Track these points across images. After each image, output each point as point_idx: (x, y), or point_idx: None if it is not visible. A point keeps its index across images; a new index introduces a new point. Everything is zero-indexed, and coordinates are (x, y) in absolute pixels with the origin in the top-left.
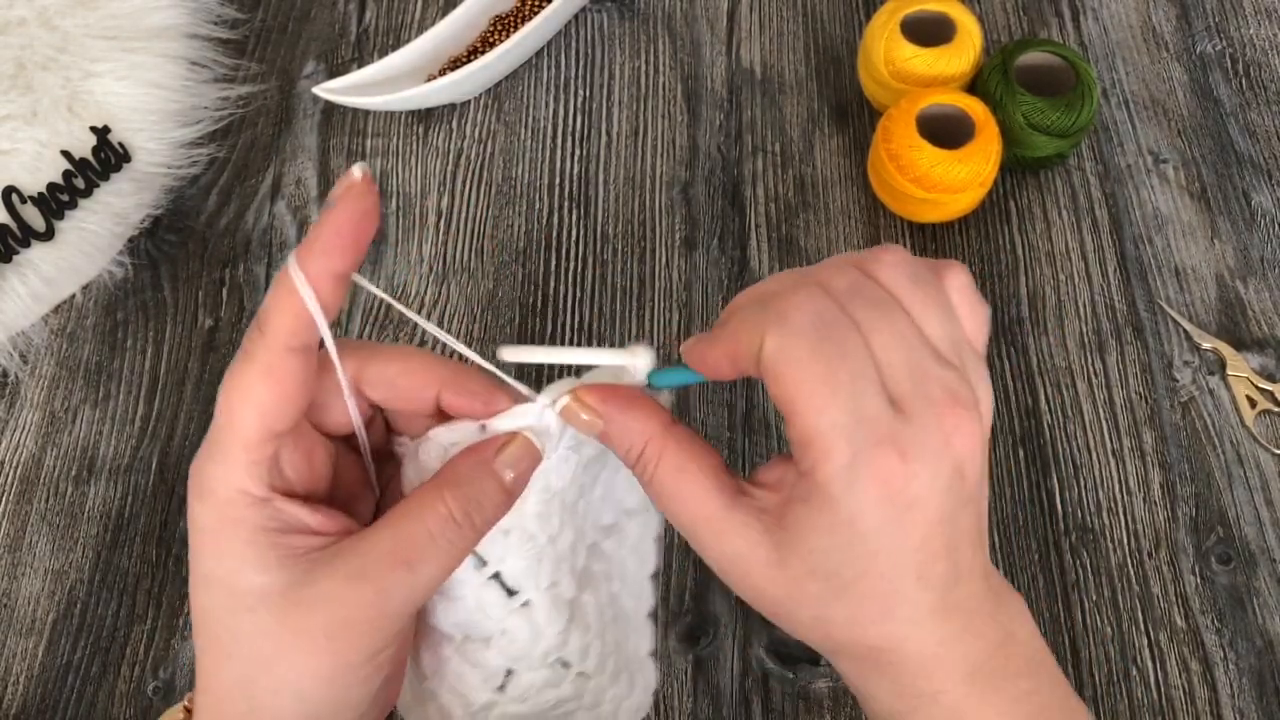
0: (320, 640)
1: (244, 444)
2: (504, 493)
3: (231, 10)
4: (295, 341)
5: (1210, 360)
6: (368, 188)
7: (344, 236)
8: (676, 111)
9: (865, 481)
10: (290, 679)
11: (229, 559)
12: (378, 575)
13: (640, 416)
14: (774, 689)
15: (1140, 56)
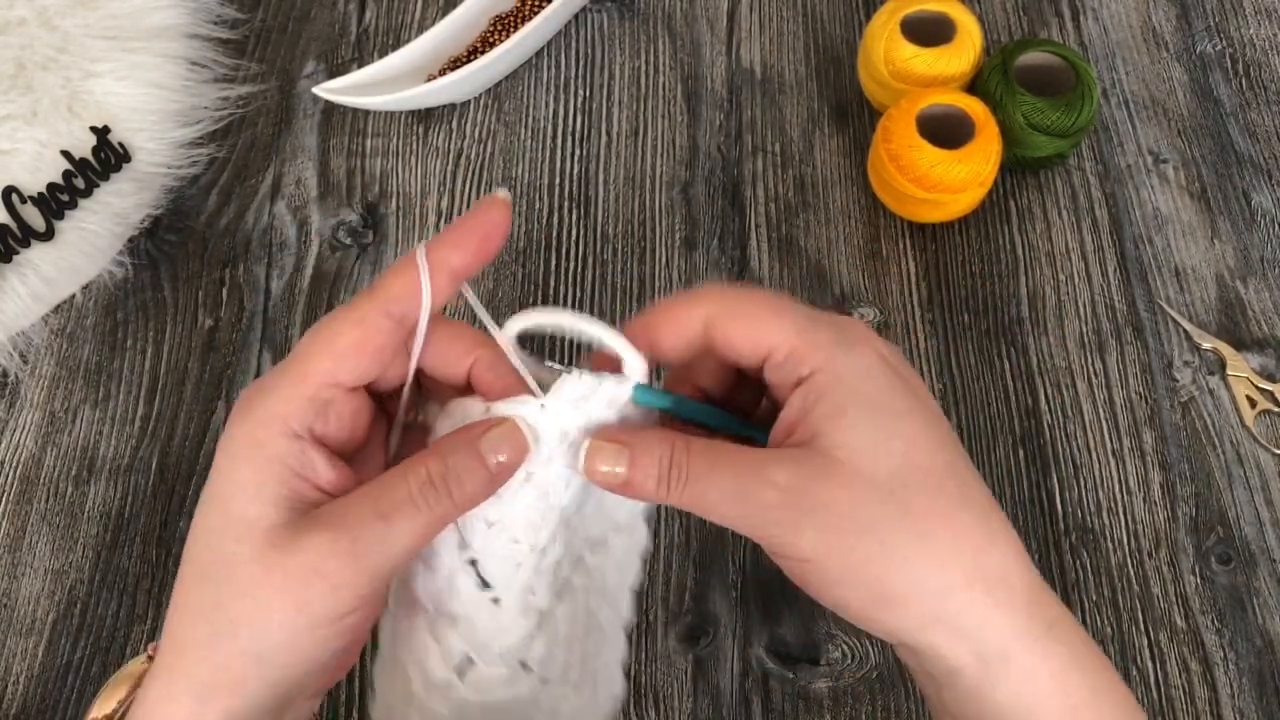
0: (292, 585)
1: (306, 379)
2: (486, 473)
3: (231, 10)
4: (395, 308)
5: (1210, 360)
6: (505, 206)
7: (473, 238)
8: (676, 111)
9: (858, 347)
10: (254, 616)
11: (237, 482)
12: (355, 526)
13: (655, 433)
14: (774, 689)
15: (1140, 56)
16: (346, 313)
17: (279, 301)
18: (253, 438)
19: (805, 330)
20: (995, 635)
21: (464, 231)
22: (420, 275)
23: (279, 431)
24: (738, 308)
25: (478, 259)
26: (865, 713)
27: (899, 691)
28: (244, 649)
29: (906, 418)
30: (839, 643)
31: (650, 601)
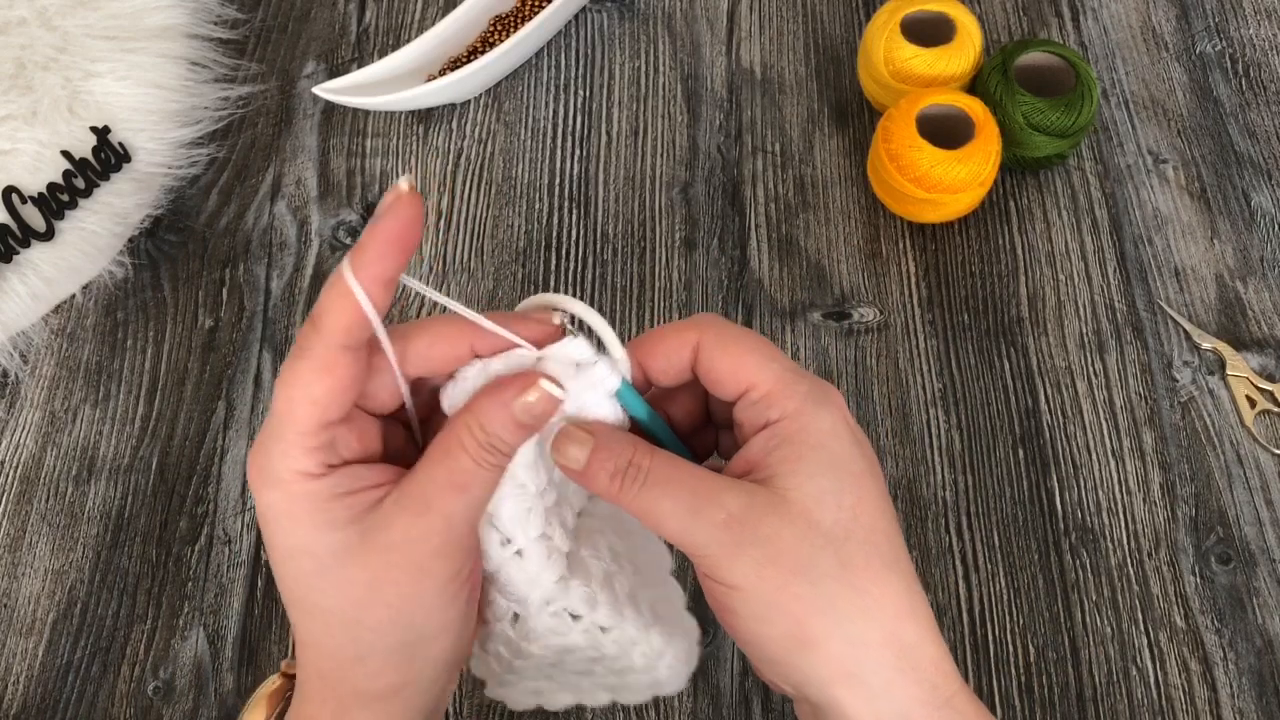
0: (411, 570)
1: (301, 433)
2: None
3: (231, 10)
4: (349, 340)
5: (1210, 360)
6: (414, 198)
7: (393, 244)
8: (676, 111)
9: (828, 406)
10: (392, 612)
11: (304, 530)
12: (440, 503)
13: (623, 433)
14: None
15: (1140, 57)
16: (305, 362)
17: (279, 301)
18: (292, 496)
19: (785, 378)
20: (899, 700)
21: (384, 239)
22: (359, 299)
23: (308, 482)
24: (729, 341)
25: (404, 260)
26: None
27: None
28: (398, 640)
29: (860, 479)
30: None
31: None
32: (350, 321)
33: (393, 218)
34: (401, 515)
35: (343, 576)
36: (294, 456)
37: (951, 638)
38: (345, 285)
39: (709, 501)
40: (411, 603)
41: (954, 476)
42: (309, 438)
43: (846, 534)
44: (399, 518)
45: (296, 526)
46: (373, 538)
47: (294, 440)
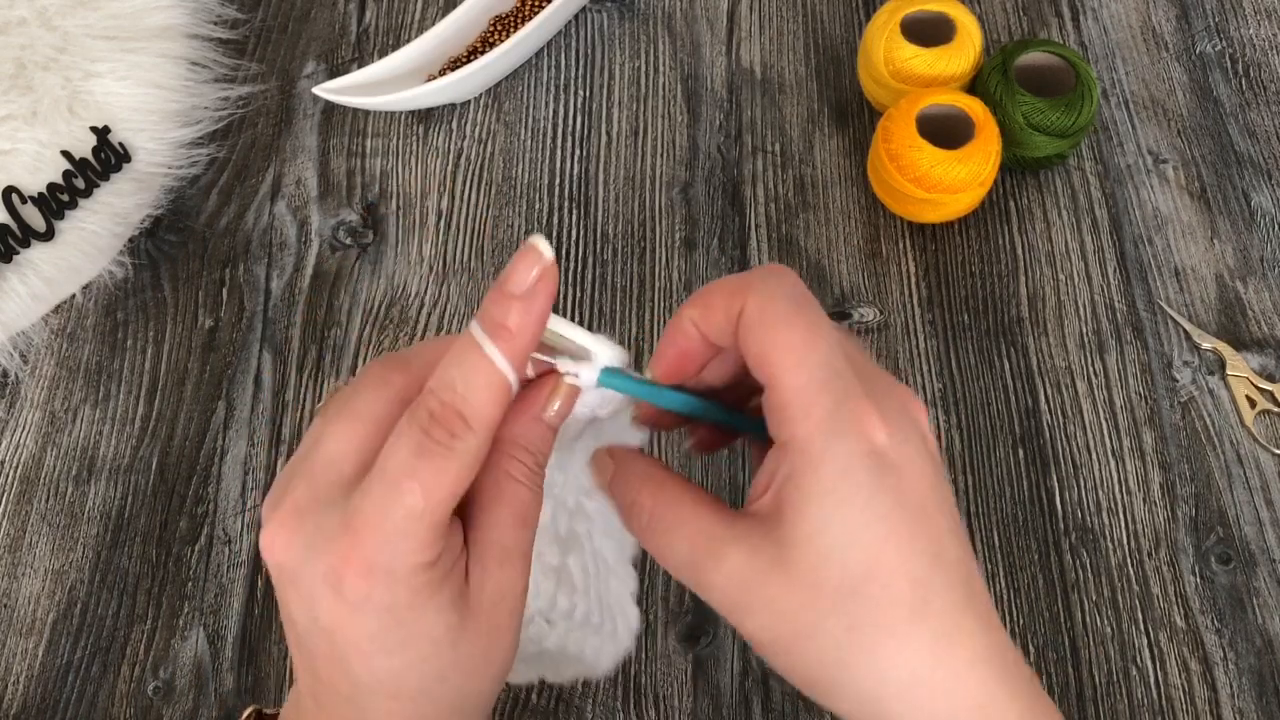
0: (509, 621)
1: (435, 527)
2: (553, 433)
3: (231, 10)
4: (495, 429)
5: (1210, 360)
6: (553, 268)
7: (540, 322)
8: (676, 111)
9: (848, 435)
10: (495, 669)
11: (426, 619)
12: (518, 545)
13: (639, 466)
14: (774, 689)
15: (1140, 56)
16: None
17: (279, 301)
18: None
19: (808, 388)
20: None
21: (532, 316)
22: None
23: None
24: (768, 319)
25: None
26: None
27: None
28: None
29: (877, 525)
30: None
31: (650, 601)
32: (499, 409)
33: (540, 292)
34: (488, 573)
35: (459, 655)
36: (420, 551)
37: None
38: (495, 373)
39: (709, 558)
40: (508, 654)
41: (954, 476)
42: (440, 525)
43: (854, 593)
44: (487, 577)
45: (419, 617)
46: (473, 607)
47: (426, 537)
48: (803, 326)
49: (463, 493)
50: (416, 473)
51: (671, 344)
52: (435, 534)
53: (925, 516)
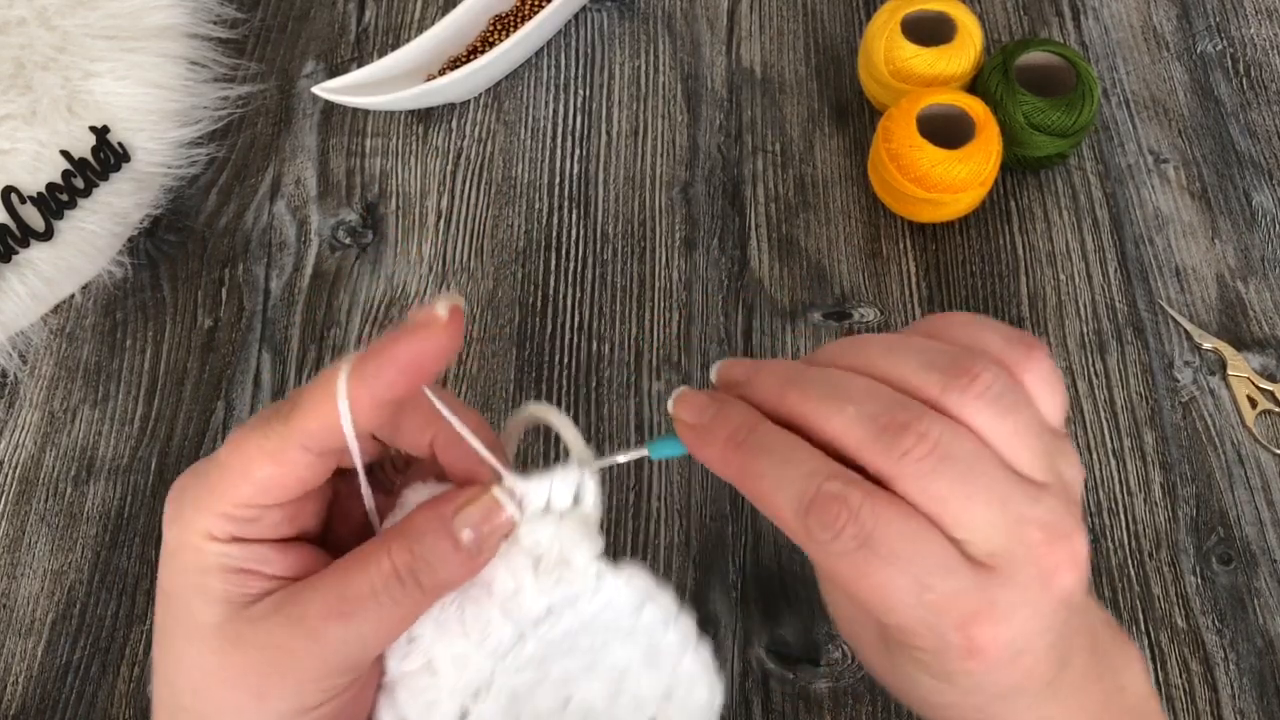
0: (251, 680)
1: (227, 500)
2: (460, 553)
3: (231, 10)
4: (313, 445)
5: (1211, 360)
6: (448, 328)
7: (405, 372)
8: (676, 111)
9: (961, 657)
10: (216, 713)
11: (183, 585)
12: (316, 623)
13: None
14: (774, 689)
15: (1141, 56)
16: (262, 442)
17: (278, 301)
18: (186, 542)
19: (920, 628)
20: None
21: (396, 364)
22: (340, 414)
23: (207, 539)
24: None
25: (412, 387)
26: (865, 713)
27: None
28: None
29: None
30: (839, 643)
31: None
32: (321, 428)
33: (414, 340)
34: (269, 620)
35: (194, 653)
36: (206, 514)
37: None
38: (330, 389)
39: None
40: (234, 716)
41: None
42: (233, 509)
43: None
44: (265, 622)
45: (178, 578)
46: (234, 630)
47: (216, 501)
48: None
49: (268, 485)
50: (235, 437)
51: None
52: (227, 507)
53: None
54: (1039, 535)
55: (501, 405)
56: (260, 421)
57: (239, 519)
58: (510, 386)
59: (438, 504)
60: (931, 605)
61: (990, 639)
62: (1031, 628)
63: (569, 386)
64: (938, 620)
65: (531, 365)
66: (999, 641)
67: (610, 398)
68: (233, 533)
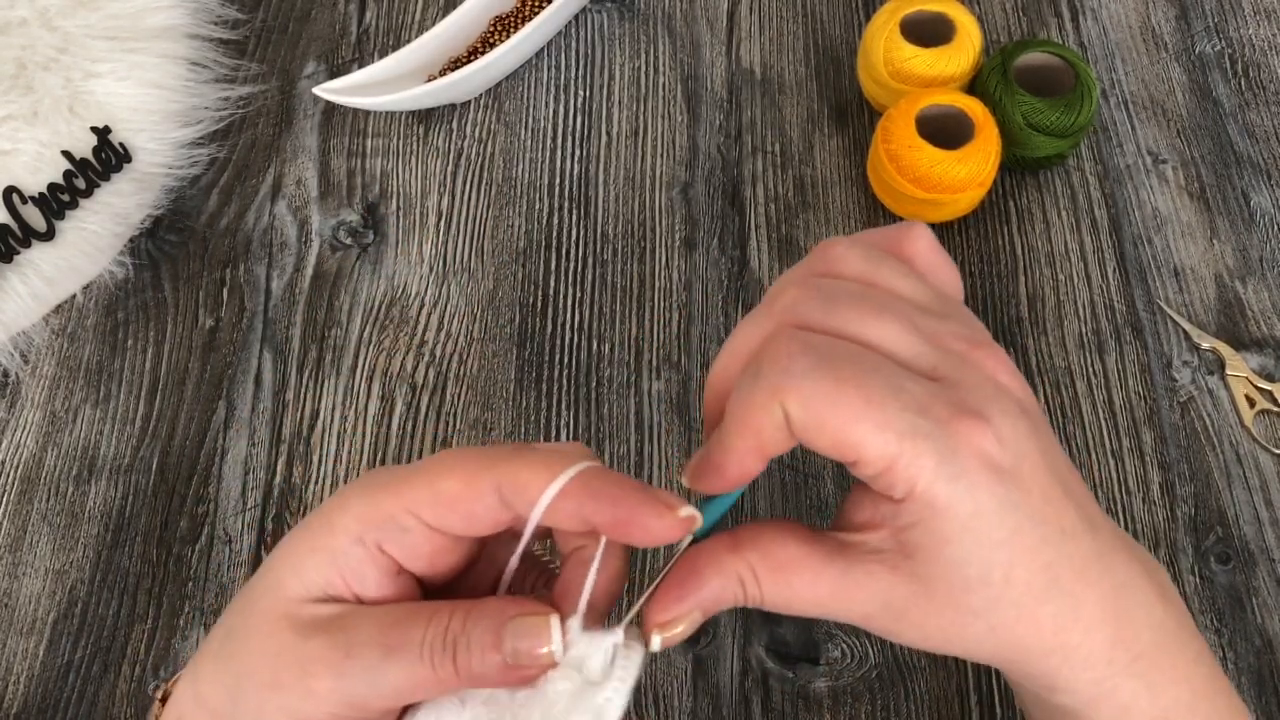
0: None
1: (402, 498)
2: (498, 658)
3: (232, 10)
4: (506, 494)
5: (1209, 360)
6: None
7: (617, 525)
8: (676, 111)
9: (964, 469)
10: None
11: (293, 549)
12: (355, 644)
13: (712, 573)
14: (774, 689)
15: (1139, 57)
16: (467, 458)
17: (279, 302)
18: (329, 521)
19: (906, 443)
20: (1060, 691)
21: (611, 503)
22: (543, 497)
23: (349, 529)
24: (822, 414)
25: (607, 530)
26: (865, 712)
27: (899, 691)
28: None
29: (1009, 544)
30: (839, 642)
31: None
32: (526, 486)
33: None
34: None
35: (258, 608)
36: (373, 504)
37: None
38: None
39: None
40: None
41: None
42: (396, 505)
43: (994, 603)
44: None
45: (299, 546)
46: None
47: (386, 499)
48: (856, 396)
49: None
50: (451, 451)
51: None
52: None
53: (1049, 503)
54: (959, 343)
55: (501, 405)
56: (474, 450)
57: (397, 524)
58: (510, 386)
59: (511, 601)
60: (911, 404)
61: (974, 434)
62: (1006, 427)
63: (569, 386)
64: (922, 423)
65: (531, 365)
66: (983, 436)
67: (610, 398)
68: (379, 538)
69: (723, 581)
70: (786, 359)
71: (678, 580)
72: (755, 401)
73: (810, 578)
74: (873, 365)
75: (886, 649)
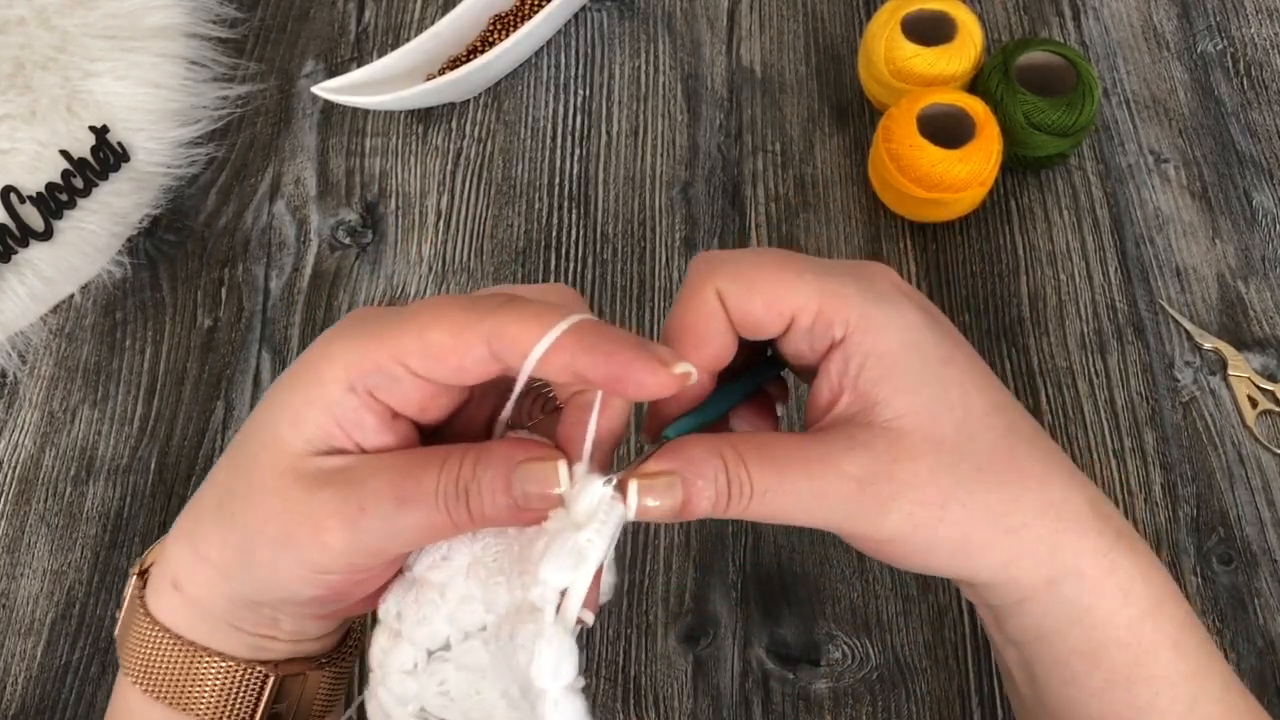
0: (290, 521)
1: (390, 347)
2: (507, 498)
3: (230, 9)
4: (496, 347)
5: (1211, 360)
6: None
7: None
8: (676, 111)
9: (885, 294)
10: (251, 524)
11: (287, 404)
12: (369, 498)
13: (700, 447)
14: (774, 689)
15: (1141, 56)
16: (457, 310)
17: (278, 301)
18: (317, 371)
19: (829, 287)
20: (1067, 557)
21: (606, 357)
22: (534, 350)
23: (339, 378)
24: (749, 276)
25: (600, 384)
26: (865, 713)
27: (899, 692)
28: (238, 543)
29: (953, 364)
30: (839, 643)
31: (650, 602)
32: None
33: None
34: (330, 483)
35: (258, 464)
36: (362, 350)
37: (953, 638)
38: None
39: (830, 476)
40: (261, 541)
41: None
42: (383, 353)
43: (969, 434)
44: (327, 485)
45: (294, 399)
46: (302, 474)
47: (376, 340)
48: (777, 258)
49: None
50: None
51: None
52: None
53: (970, 348)
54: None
55: None
56: (462, 298)
57: (386, 373)
58: None
59: (519, 445)
60: (820, 264)
61: (886, 270)
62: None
63: None
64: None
65: None
66: (897, 275)
67: None
68: (370, 386)
69: (706, 453)
70: (711, 258)
71: (665, 450)
72: (690, 289)
73: (799, 461)
74: (788, 254)
75: (888, 650)
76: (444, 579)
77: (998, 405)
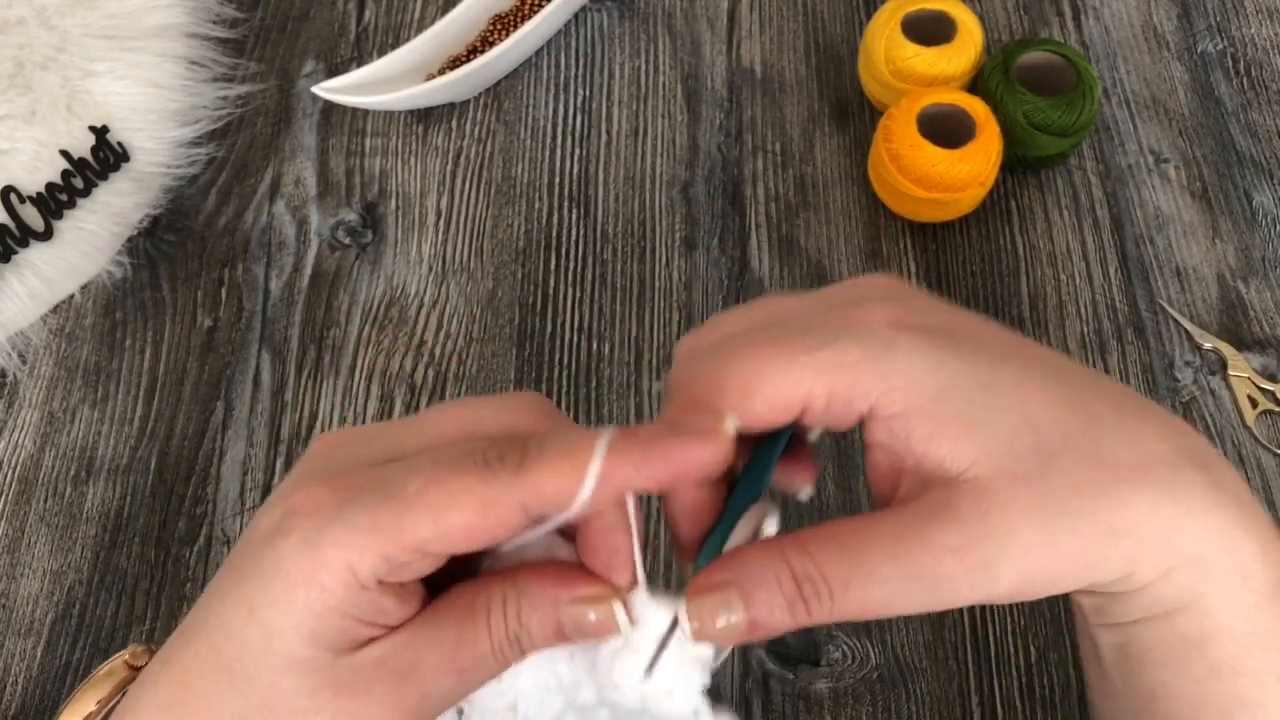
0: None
1: (403, 539)
2: (562, 638)
3: (230, 9)
4: (534, 507)
5: (1211, 360)
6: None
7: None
8: (676, 111)
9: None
10: None
11: (288, 616)
12: (429, 676)
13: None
14: (774, 689)
15: (1141, 56)
16: (478, 483)
17: (278, 301)
18: (314, 580)
19: (828, 361)
20: (1184, 543)
21: (659, 454)
22: (584, 487)
23: (347, 582)
24: (740, 379)
25: (664, 487)
26: (865, 713)
27: (899, 692)
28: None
29: (995, 385)
30: (839, 643)
31: None
32: (556, 494)
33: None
34: (380, 677)
35: (277, 686)
36: (364, 551)
37: (953, 638)
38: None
39: (919, 552)
40: None
41: None
42: (396, 546)
43: (1051, 453)
44: (377, 680)
45: (295, 613)
46: (334, 679)
47: (383, 541)
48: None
49: (463, 541)
50: (439, 477)
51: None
52: (400, 549)
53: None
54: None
55: None
56: (475, 463)
57: (398, 562)
58: (510, 387)
59: (559, 579)
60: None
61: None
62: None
63: (569, 386)
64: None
65: (531, 365)
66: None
67: (610, 398)
68: (381, 576)
69: (764, 555)
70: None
71: (720, 562)
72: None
73: (875, 541)
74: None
75: (888, 650)
76: (511, 699)
77: (1061, 401)
